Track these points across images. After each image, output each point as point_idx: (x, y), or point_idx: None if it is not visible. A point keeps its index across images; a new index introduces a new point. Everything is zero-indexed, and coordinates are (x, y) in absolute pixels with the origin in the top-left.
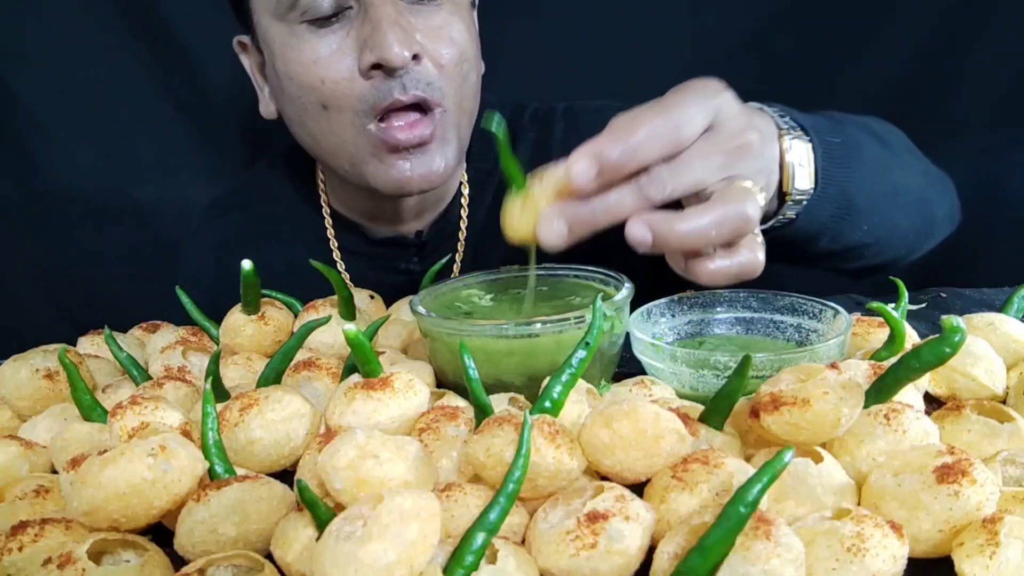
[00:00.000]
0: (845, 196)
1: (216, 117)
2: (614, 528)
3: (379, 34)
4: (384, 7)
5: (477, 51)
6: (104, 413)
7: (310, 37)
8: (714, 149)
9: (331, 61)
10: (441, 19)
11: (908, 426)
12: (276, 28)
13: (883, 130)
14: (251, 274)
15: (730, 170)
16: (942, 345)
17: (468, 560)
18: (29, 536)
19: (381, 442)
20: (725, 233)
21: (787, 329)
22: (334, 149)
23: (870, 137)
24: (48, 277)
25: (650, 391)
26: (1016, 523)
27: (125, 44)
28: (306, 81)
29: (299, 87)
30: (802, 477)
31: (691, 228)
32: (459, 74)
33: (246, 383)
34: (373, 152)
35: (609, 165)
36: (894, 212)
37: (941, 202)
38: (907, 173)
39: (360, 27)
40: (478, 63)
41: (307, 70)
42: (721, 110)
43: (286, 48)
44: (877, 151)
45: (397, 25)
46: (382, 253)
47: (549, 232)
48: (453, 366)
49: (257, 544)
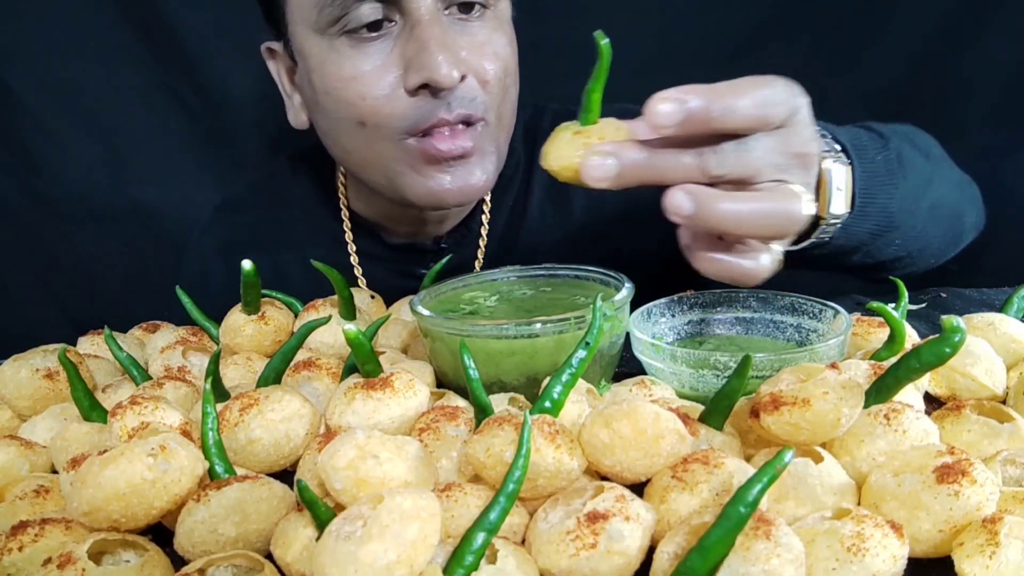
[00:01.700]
0: (886, 213)
1: (216, 117)
2: (614, 528)
3: (428, 55)
4: (432, 27)
5: (516, 64)
6: (104, 413)
7: (351, 52)
8: (782, 146)
9: (372, 78)
10: (485, 35)
11: (908, 426)
12: (314, 41)
13: (924, 141)
14: (251, 274)
15: (785, 173)
16: (942, 345)
17: (468, 560)
18: (29, 536)
19: (381, 442)
20: (765, 227)
21: (787, 329)
22: (368, 163)
23: (914, 150)
24: (48, 277)
25: (650, 391)
26: (1016, 523)
27: (125, 44)
28: (344, 96)
29: (336, 102)
30: (802, 477)
31: (736, 209)
32: (501, 89)
33: (246, 383)
34: (411, 164)
35: (695, 117)
36: (929, 226)
37: (970, 211)
38: (945, 186)
39: (405, 44)
40: (517, 76)
41: (346, 86)
42: (799, 111)
43: (324, 62)
44: (921, 165)
45: (445, 46)
46: (400, 258)
47: (599, 167)
48: (453, 366)
49: (257, 544)
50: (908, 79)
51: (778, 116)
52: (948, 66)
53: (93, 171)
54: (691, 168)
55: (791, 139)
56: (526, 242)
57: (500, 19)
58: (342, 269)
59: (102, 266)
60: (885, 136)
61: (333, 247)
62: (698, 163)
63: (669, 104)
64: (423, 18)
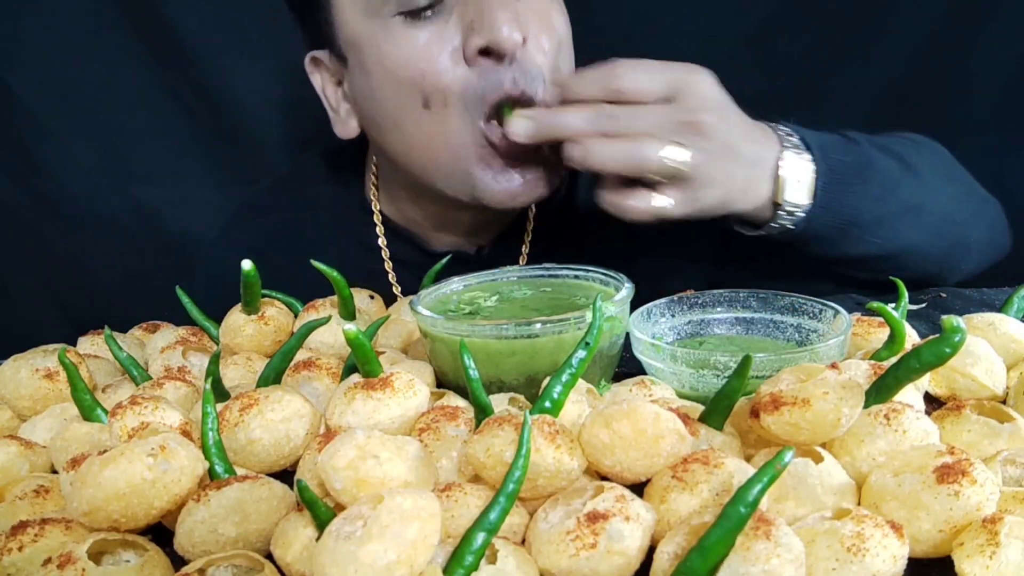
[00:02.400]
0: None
1: (216, 117)
2: (614, 528)
3: (489, 15)
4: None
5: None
6: (104, 413)
7: (406, 29)
8: (667, 115)
9: (431, 49)
10: (544, 4)
11: (908, 426)
12: (367, 25)
13: (908, 150)
14: (251, 274)
15: (680, 137)
16: (942, 345)
17: (468, 560)
18: (29, 536)
19: (381, 442)
20: (629, 165)
21: (787, 329)
22: (436, 154)
23: (887, 156)
24: (48, 277)
25: (650, 391)
26: (1016, 523)
27: (125, 44)
28: (405, 75)
29: (397, 83)
30: (802, 477)
31: (606, 150)
32: (557, 64)
33: (246, 383)
34: (481, 156)
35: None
36: (911, 230)
37: (976, 225)
38: (927, 193)
39: (462, 13)
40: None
41: (406, 63)
42: (685, 86)
43: (380, 44)
44: (891, 168)
45: (507, 6)
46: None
47: (519, 123)
48: (453, 366)
49: (257, 544)
50: (909, 78)
51: (637, 86)
52: (949, 65)
53: (93, 171)
54: (584, 122)
55: (675, 109)
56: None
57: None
58: (375, 276)
59: (102, 266)
60: (856, 141)
61: (364, 253)
62: (590, 119)
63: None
64: None
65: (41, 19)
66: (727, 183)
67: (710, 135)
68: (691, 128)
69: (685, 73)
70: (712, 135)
